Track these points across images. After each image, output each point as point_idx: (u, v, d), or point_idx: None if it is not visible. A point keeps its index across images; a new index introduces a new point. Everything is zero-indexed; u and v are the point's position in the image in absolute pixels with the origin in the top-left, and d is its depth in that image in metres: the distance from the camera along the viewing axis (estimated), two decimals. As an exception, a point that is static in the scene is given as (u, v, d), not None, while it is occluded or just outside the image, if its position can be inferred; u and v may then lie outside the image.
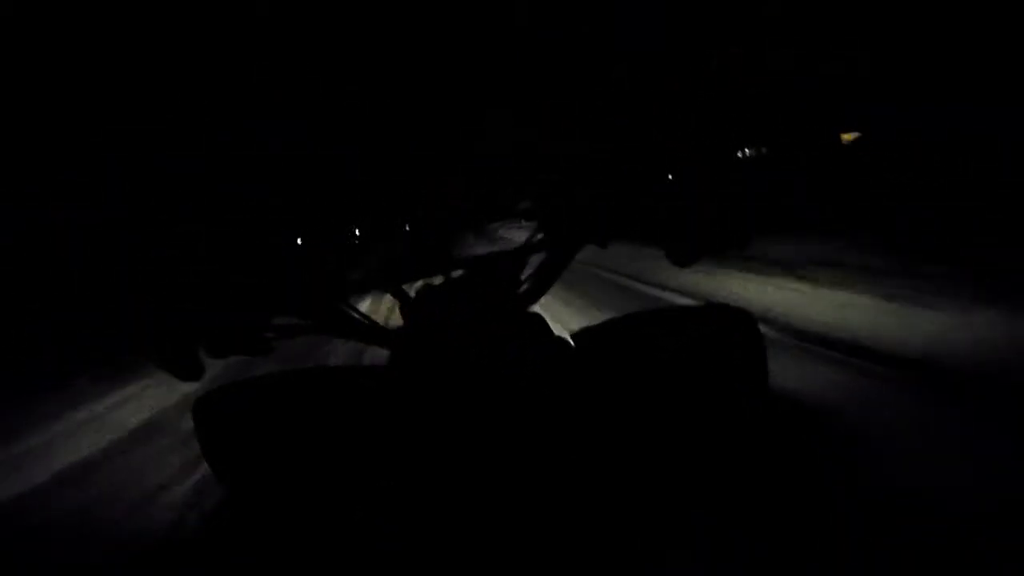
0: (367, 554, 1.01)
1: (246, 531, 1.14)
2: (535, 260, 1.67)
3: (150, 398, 5.44)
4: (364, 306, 6.35)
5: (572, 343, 1.27)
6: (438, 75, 1.90)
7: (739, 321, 1.25)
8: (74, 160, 1.75)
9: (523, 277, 1.60)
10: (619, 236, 1.67)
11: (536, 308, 1.64)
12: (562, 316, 5.27)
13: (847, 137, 12.29)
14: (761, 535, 1.16)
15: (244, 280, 1.44)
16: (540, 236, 1.72)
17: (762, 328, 1.44)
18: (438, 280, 1.65)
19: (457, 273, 1.67)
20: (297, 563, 1.03)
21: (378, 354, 1.63)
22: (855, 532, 2.03)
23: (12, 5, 1.65)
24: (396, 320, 1.66)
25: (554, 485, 1.04)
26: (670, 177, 1.64)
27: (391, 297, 1.70)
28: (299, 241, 1.83)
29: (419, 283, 1.65)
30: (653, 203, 1.60)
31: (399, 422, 1.10)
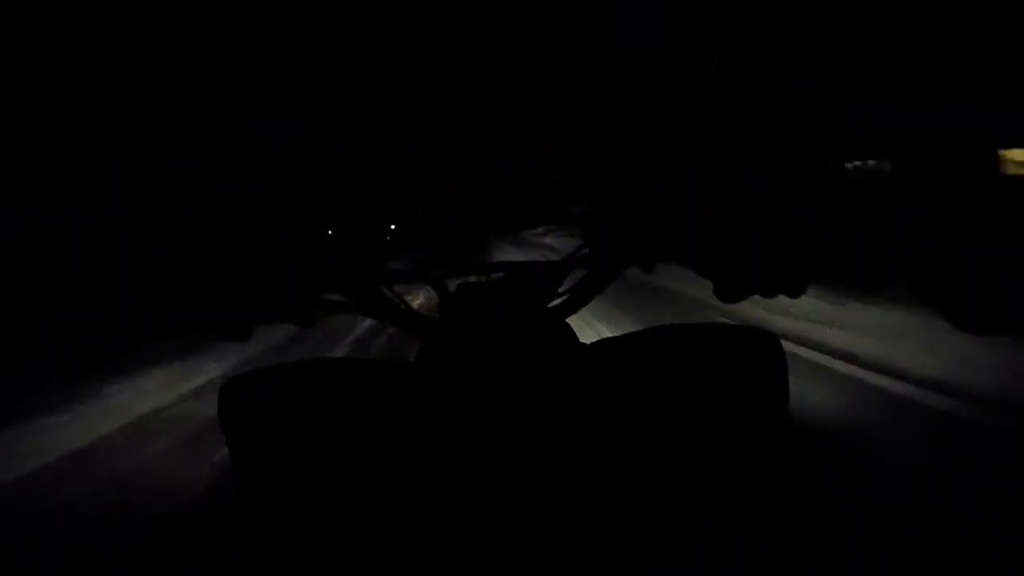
0: (376, 549, 1.01)
1: (250, 525, 1.14)
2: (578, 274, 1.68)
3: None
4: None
5: (593, 352, 1.28)
6: (438, 75, 1.90)
7: (761, 341, 1.24)
8: (74, 160, 1.75)
9: (562, 289, 1.62)
10: (667, 259, 1.67)
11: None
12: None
13: (1015, 156, 6.54)
14: (763, 536, 1.16)
15: (244, 280, 1.45)
16: (584, 251, 1.74)
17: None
18: (477, 279, 1.69)
19: (497, 275, 1.70)
20: (304, 559, 1.03)
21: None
22: (855, 533, 2.03)
23: (12, 5, 1.65)
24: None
25: (560, 487, 1.05)
26: (670, 177, 1.64)
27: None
28: (302, 240, 1.84)
29: (460, 280, 1.68)
30: (653, 203, 1.61)
31: (417, 417, 1.10)
